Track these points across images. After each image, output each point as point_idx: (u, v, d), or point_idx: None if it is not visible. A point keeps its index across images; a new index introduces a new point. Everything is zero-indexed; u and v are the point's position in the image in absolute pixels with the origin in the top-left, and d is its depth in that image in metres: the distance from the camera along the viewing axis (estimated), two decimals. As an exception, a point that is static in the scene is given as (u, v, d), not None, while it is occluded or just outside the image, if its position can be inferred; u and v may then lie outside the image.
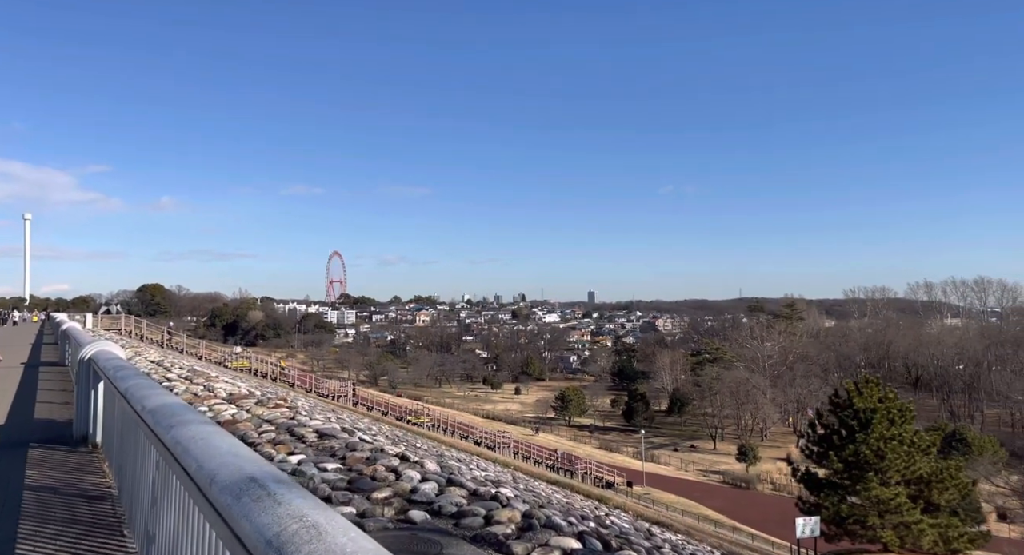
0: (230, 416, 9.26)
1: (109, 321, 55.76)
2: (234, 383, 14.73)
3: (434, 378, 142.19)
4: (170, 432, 2.94)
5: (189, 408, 3.41)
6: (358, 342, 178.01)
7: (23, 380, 14.69)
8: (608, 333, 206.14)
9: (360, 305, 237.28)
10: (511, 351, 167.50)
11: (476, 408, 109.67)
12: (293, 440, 7.78)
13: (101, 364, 6.92)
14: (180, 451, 2.66)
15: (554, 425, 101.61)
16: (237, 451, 2.33)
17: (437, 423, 55.82)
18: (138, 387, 4.42)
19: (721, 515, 48.79)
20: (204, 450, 2.43)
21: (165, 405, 3.54)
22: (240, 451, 2.34)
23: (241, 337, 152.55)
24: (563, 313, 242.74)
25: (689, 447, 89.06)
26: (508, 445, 55.43)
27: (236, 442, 2.53)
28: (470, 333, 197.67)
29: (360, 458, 6.88)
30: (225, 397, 11.33)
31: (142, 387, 4.35)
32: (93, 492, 5.74)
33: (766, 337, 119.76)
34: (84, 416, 7.98)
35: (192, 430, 2.80)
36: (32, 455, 7.27)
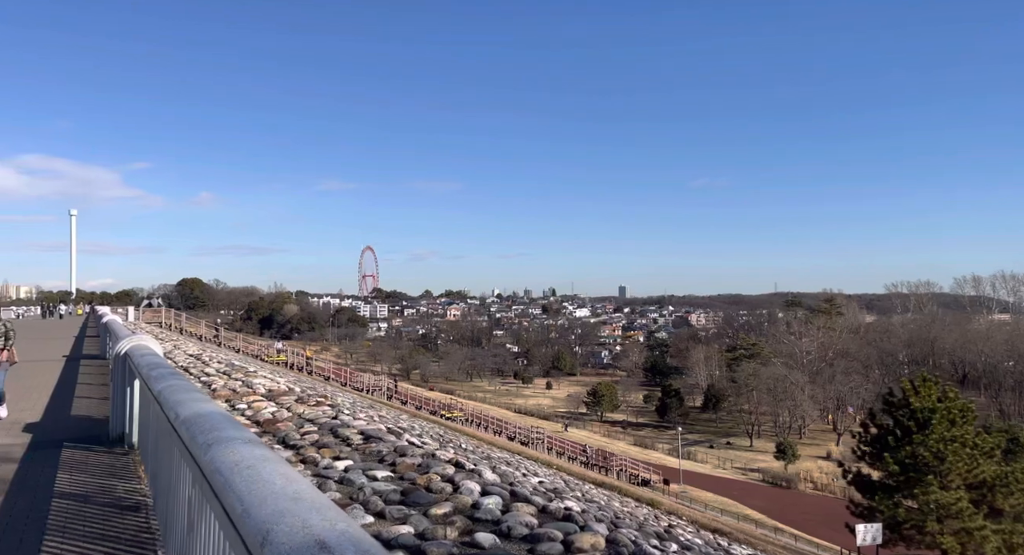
0: (270, 415, 8.80)
1: (150, 314, 56.65)
2: (273, 378, 14.38)
3: (465, 372, 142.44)
4: (208, 453, 2.35)
5: (230, 420, 2.83)
6: (390, 336, 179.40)
7: (63, 374, 14.56)
8: (640, 328, 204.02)
9: (392, 299, 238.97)
10: (541, 346, 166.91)
11: (507, 403, 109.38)
12: (337, 443, 7.26)
13: (136, 360, 6.47)
14: (220, 483, 2.06)
15: (586, 420, 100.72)
16: (298, 492, 1.71)
17: (470, 418, 55.48)
18: (172, 390, 3.88)
19: (762, 515, 47.52)
20: (251, 487, 1.83)
21: (201, 415, 2.97)
22: (302, 492, 1.72)
23: (277, 330, 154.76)
24: (594, 308, 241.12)
25: (725, 444, 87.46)
26: (542, 441, 54.83)
27: (293, 475, 1.92)
28: (500, 327, 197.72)
29: (411, 465, 6.31)
30: (264, 393, 10.92)
31: (176, 390, 3.80)
32: (127, 501, 5.26)
33: (804, 332, 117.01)
34: (120, 415, 7.58)
35: (235, 452, 2.21)
36: (65, 456, 6.88)
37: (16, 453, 7.06)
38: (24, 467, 6.42)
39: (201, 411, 3.05)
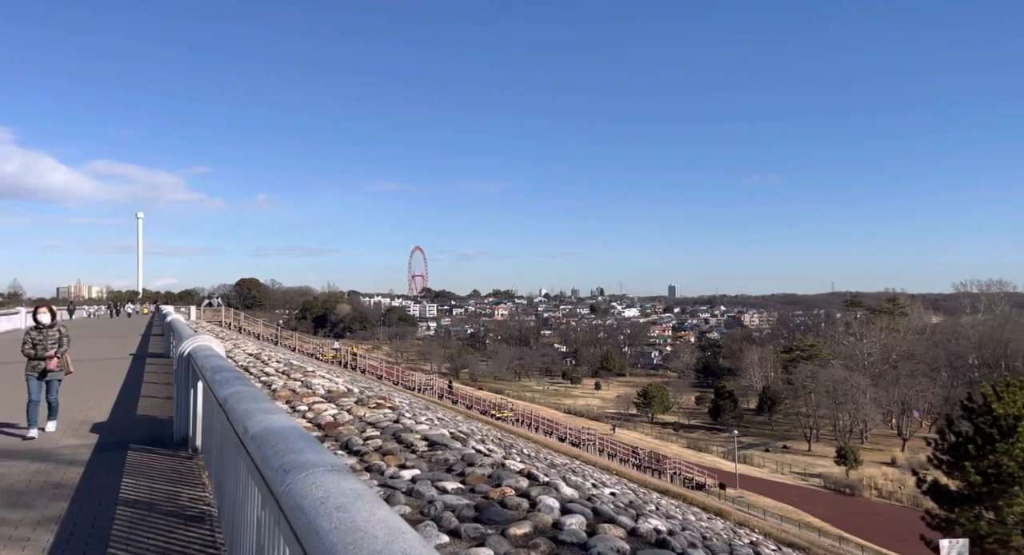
0: (331, 417, 8.60)
1: (211, 313, 58.39)
2: (331, 378, 14.31)
3: (513, 371, 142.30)
4: (285, 482, 2.01)
5: (306, 437, 2.50)
6: (439, 335, 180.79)
7: (129, 373, 14.83)
8: (691, 328, 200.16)
9: (441, 299, 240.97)
10: (590, 346, 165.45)
11: (555, 403, 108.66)
12: (402, 449, 6.97)
13: (200, 362, 6.31)
14: (303, 525, 1.71)
15: (636, 422, 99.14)
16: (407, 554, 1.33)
17: (521, 418, 55.16)
18: (238, 398, 3.60)
19: (825, 523, 45.63)
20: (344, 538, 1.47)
21: (273, 431, 2.65)
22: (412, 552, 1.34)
23: (330, 329, 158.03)
24: (643, 307, 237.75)
25: (781, 448, 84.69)
26: (593, 442, 54.10)
27: (396, 522, 1.54)
28: (548, 327, 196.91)
29: (481, 476, 5.96)
30: (324, 395, 10.78)
31: (243, 399, 3.52)
32: (191, 510, 5.06)
33: (865, 333, 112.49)
34: (183, 417, 7.49)
35: (319, 485, 1.85)
36: (131, 459, 6.79)
37: (83, 455, 7.03)
38: (90, 470, 6.34)
39: (273, 426, 2.73)
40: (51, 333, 8.45)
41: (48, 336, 8.40)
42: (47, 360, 8.25)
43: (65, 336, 8.60)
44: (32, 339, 8.34)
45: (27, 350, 8.31)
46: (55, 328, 8.53)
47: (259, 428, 2.79)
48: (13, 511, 5.07)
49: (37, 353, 8.27)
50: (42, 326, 8.45)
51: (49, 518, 4.88)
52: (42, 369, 8.24)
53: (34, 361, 8.26)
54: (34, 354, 8.26)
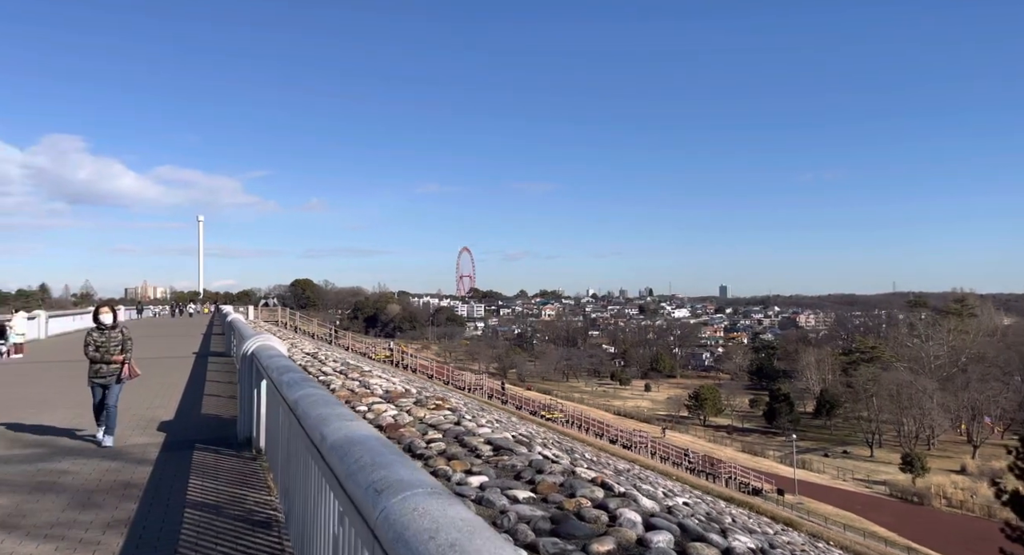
0: (392, 419, 8.46)
1: (267, 313, 59.91)
2: (388, 378, 14.26)
3: (561, 372, 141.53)
4: (380, 504, 1.76)
5: (393, 450, 2.25)
6: (487, 335, 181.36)
7: (193, 371, 15.11)
8: (744, 329, 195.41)
9: (488, 299, 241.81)
10: (639, 346, 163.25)
11: (604, 404, 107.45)
12: (467, 454, 6.74)
13: (264, 362, 6.21)
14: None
15: (688, 424, 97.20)
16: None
17: (571, 419, 54.63)
18: (311, 402, 3.39)
19: (891, 532, 43.61)
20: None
21: (354, 441, 2.41)
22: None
23: (381, 329, 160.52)
24: (693, 308, 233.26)
25: (841, 453, 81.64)
26: (644, 444, 53.15)
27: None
28: (596, 328, 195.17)
29: (553, 484, 5.66)
30: (382, 395, 10.68)
31: (316, 403, 3.31)
32: (258, 515, 4.93)
33: (931, 335, 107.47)
34: (247, 416, 7.44)
35: (422, 512, 1.59)
36: (196, 460, 6.76)
37: (151, 454, 7.04)
38: (158, 470, 6.33)
39: (353, 435, 2.50)
40: (114, 335, 7.90)
41: (111, 338, 7.86)
42: (110, 363, 7.77)
43: (128, 339, 8.03)
44: (94, 341, 7.83)
45: (90, 353, 7.80)
46: (118, 330, 7.99)
47: (338, 436, 2.56)
48: (84, 512, 5.04)
49: (101, 356, 7.75)
50: (104, 327, 7.91)
51: (118, 520, 4.82)
52: (105, 373, 7.76)
53: (97, 365, 7.77)
54: (98, 357, 7.75)
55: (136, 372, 8.13)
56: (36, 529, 4.63)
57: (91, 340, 7.87)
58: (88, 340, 7.90)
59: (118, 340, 7.92)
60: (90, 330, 8.04)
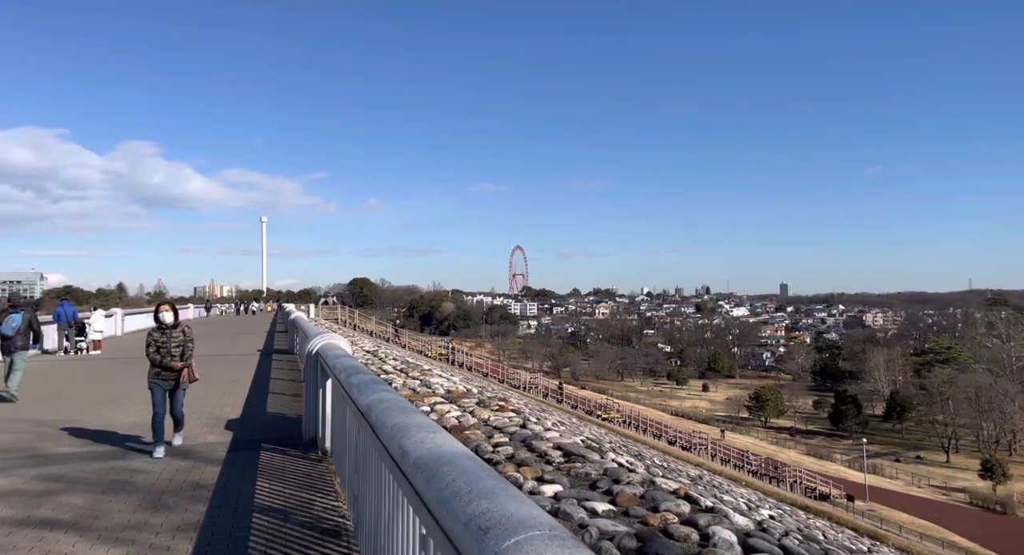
0: (456, 420, 8.24)
1: (327, 311, 61.22)
2: (448, 377, 14.13)
3: (616, 371, 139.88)
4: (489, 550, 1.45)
5: (491, 472, 1.95)
6: (540, 333, 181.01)
7: (258, 369, 15.34)
8: (806, 328, 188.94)
9: (541, 297, 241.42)
10: (696, 346, 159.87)
11: (660, 404, 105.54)
12: (536, 459, 6.44)
13: (330, 362, 6.06)
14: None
15: (748, 426, 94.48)
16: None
17: (627, 419, 53.75)
18: (385, 408, 3.14)
19: (973, 543, 41.10)
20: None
21: (443, 459, 2.12)
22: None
23: (435, 327, 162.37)
24: (752, 306, 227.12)
25: (914, 458, 77.74)
26: (704, 446, 51.80)
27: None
28: (651, 326, 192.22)
29: (633, 496, 5.30)
30: (444, 395, 10.50)
31: (391, 410, 3.05)
32: (326, 522, 4.75)
33: (1013, 335, 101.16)
34: (312, 417, 7.35)
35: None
36: (263, 460, 6.68)
37: (219, 453, 7.02)
38: (226, 471, 6.27)
39: (441, 451, 2.21)
40: (175, 335, 7.37)
41: (172, 338, 7.34)
42: (170, 369, 7.26)
43: (190, 340, 7.49)
44: (155, 341, 7.32)
45: (151, 354, 7.31)
46: (179, 329, 7.43)
47: (422, 452, 2.28)
48: (155, 513, 4.98)
49: (161, 358, 7.28)
50: (165, 326, 7.38)
51: (188, 524, 4.72)
52: (167, 377, 7.30)
53: (157, 367, 7.31)
54: (157, 359, 7.29)
55: (194, 377, 7.56)
56: (107, 532, 4.57)
57: (152, 340, 7.40)
58: (149, 340, 7.43)
59: (179, 341, 7.40)
60: (151, 330, 7.54)
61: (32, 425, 8.60)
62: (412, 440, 2.46)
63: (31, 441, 7.62)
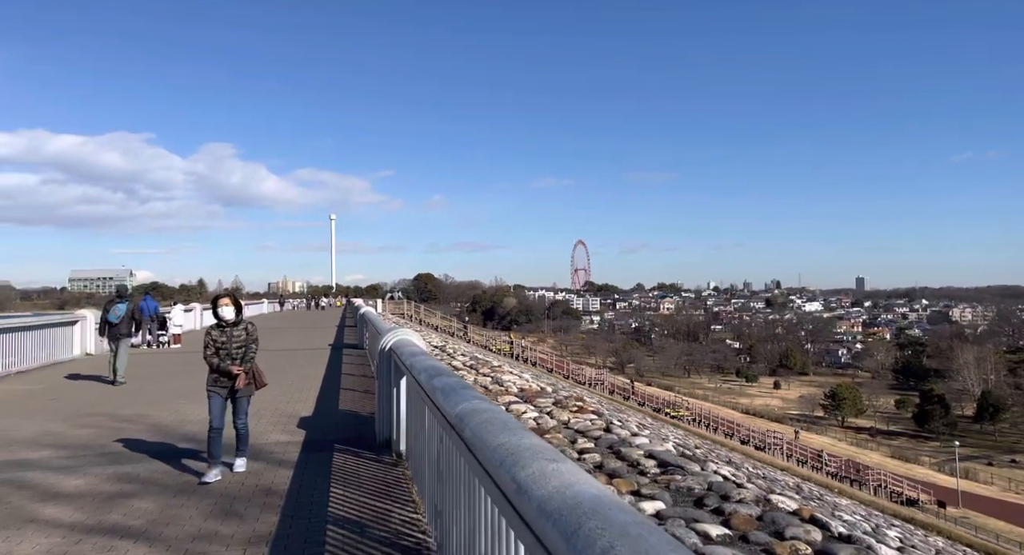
0: (534, 422, 7.74)
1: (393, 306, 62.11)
2: (519, 374, 13.67)
3: (682, 368, 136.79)
4: None
5: (660, 534, 1.38)
6: (603, 329, 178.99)
7: (329, 364, 15.30)
8: (885, 324, 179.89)
9: (604, 292, 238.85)
10: (766, 342, 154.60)
11: (729, 401, 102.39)
12: (629, 470, 5.85)
13: (405, 360, 5.64)
14: None
15: (823, 425, 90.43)
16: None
17: (698, 417, 52.16)
18: (484, 423, 2.62)
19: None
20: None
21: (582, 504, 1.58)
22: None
23: (498, 322, 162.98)
24: (827, 301, 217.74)
25: (1009, 462, 72.54)
26: (780, 446, 49.67)
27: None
28: (718, 322, 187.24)
29: (748, 517, 4.65)
30: (517, 393, 10.02)
31: (492, 427, 2.52)
32: (406, 539, 4.31)
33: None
34: (386, 417, 6.98)
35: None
36: (336, 463, 6.34)
37: (292, 454, 6.74)
38: (298, 475, 5.95)
39: (577, 494, 1.66)
40: (236, 333, 6.32)
41: (233, 337, 6.29)
42: (231, 373, 6.18)
43: (253, 339, 6.42)
44: (214, 341, 6.27)
45: (209, 356, 6.27)
46: (242, 327, 6.39)
47: (547, 492, 1.73)
48: (226, 522, 4.67)
49: (220, 361, 6.24)
50: (225, 323, 6.34)
51: (259, 535, 4.38)
52: (227, 383, 6.22)
53: (216, 373, 6.25)
54: (217, 362, 6.24)
55: (262, 381, 6.58)
56: (178, 542, 4.28)
57: (210, 340, 6.32)
58: (207, 340, 6.34)
59: (241, 340, 6.33)
60: (210, 327, 6.47)
61: (111, 419, 8.62)
62: (528, 471, 1.93)
63: (108, 436, 7.58)
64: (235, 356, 6.29)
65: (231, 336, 6.32)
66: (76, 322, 17.28)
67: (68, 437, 7.64)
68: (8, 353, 13.69)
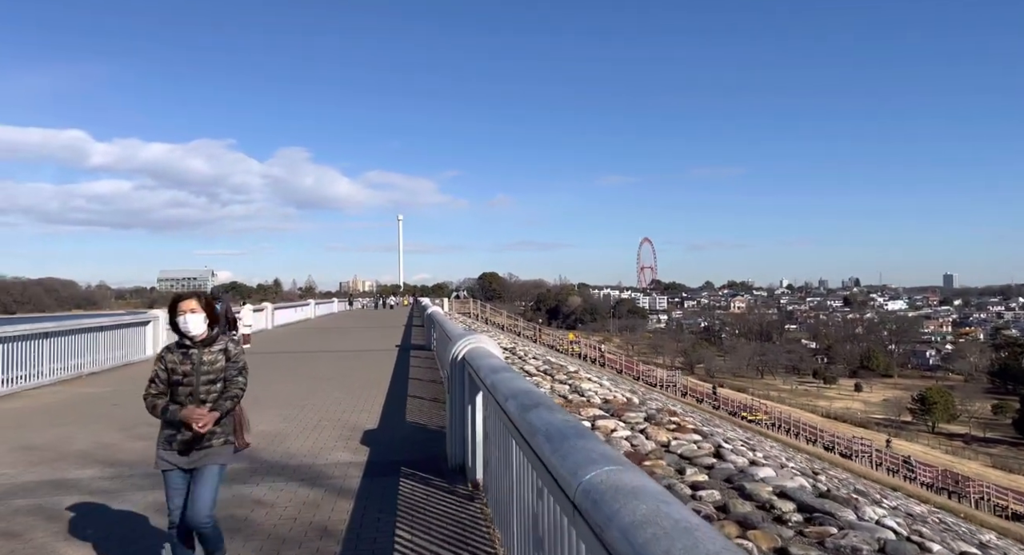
0: (628, 444, 6.66)
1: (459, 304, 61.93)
2: (599, 381, 12.56)
3: (755, 368, 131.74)
4: None
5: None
6: (671, 328, 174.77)
7: (396, 366, 14.62)
8: (978, 323, 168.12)
9: (671, 291, 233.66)
10: (845, 342, 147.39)
11: (807, 404, 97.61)
12: (764, 517, 4.69)
13: (483, 375, 4.68)
14: None
15: (911, 431, 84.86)
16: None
17: (777, 421, 49.47)
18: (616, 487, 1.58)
19: None
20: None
21: None
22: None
23: (562, 321, 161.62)
24: (911, 299, 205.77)
25: None
26: (868, 454, 46.43)
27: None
28: (793, 321, 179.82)
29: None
30: (601, 405, 8.94)
31: (658, 535, 1.47)
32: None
33: None
34: (459, 438, 6.05)
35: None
36: (403, 493, 5.45)
37: (353, 480, 5.89)
38: (359, 510, 5.08)
39: None
40: (208, 358, 3.80)
41: (202, 365, 3.77)
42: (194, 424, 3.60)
43: (237, 369, 3.89)
44: (169, 372, 3.76)
45: (155, 396, 3.77)
46: (218, 348, 3.87)
47: None
48: (271, 576, 3.81)
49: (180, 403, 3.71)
50: (190, 342, 3.80)
51: (309, 601, 3.49)
52: (188, 439, 3.67)
53: (170, 426, 3.74)
54: (165, 406, 3.70)
55: (244, 439, 4.05)
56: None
57: (161, 370, 3.77)
58: (155, 370, 3.78)
59: (216, 370, 3.79)
60: (164, 349, 3.89)
61: (167, 430, 8.06)
62: None
63: (161, 451, 6.96)
64: (204, 397, 3.71)
65: (198, 363, 3.72)
66: (148, 322, 17.27)
67: (120, 451, 7.09)
68: (80, 354, 13.63)
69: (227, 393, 3.81)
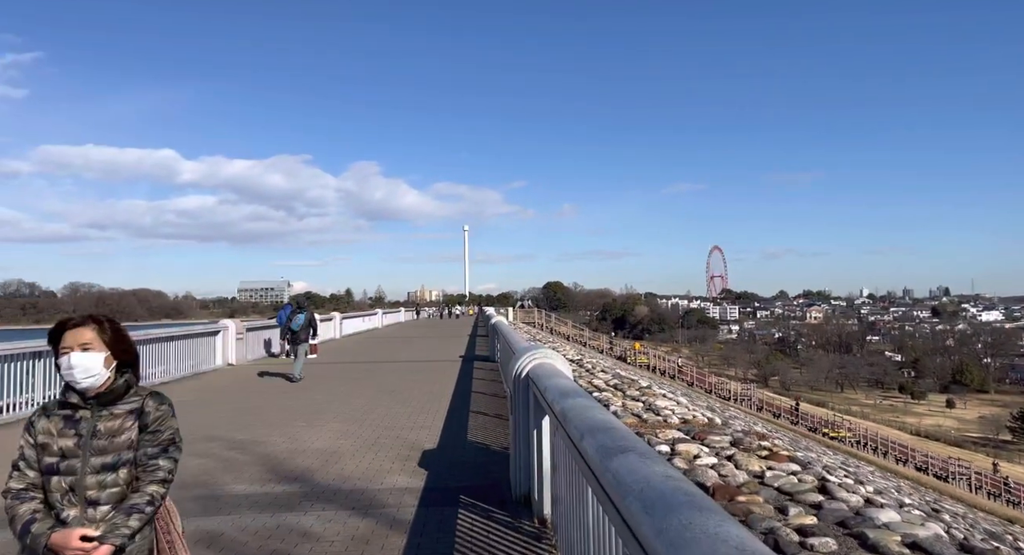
0: (715, 474, 5.85)
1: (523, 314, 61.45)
2: (675, 398, 11.67)
3: (834, 381, 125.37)
4: None
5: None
6: (743, 339, 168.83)
7: (459, 379, 14.16)
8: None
9: (743, 300, 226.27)
10: (934, 355, 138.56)
11: (892, 420, 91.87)
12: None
13: (550, 398, 4.04)
14: None
15: (1011, 450, 78.38)
16: None
17: (862, 439, 46.39)
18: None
19: None
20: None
21: None
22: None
23: (628, 331, 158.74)
24: (1008, 310, 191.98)
25: None
26: (968, 477, 42.82)
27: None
28: (875, 332, 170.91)
29: None
30: (680, 425, 8.12)
31: None
32: None
33: None
34: (523, 464, 5.43)
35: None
36: (461, 528, 4.86)
37: (408, 509, 5.35)
38: (412, 548, 4.51)
39: None
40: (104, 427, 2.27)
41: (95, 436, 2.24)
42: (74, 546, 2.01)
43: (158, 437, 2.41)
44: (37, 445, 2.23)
45: (12, 492, 2.17)
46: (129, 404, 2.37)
47: None
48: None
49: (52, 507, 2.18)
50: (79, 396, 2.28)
51: None
52: None
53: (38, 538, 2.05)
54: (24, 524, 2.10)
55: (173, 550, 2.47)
56: None
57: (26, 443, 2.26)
58: (21, 446, 2.27)
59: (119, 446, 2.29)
60: (38, 411, 2.34)
61: (224, 446, 7.78)
62: None
63: (213, 471, 6.64)
64: (93, 496, 2.21)
65: (88, 435, 2.25)
66: (219, 332, 17.48)
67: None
68: (151, 364, 13.79)
69: (139, 491, 2.22)
